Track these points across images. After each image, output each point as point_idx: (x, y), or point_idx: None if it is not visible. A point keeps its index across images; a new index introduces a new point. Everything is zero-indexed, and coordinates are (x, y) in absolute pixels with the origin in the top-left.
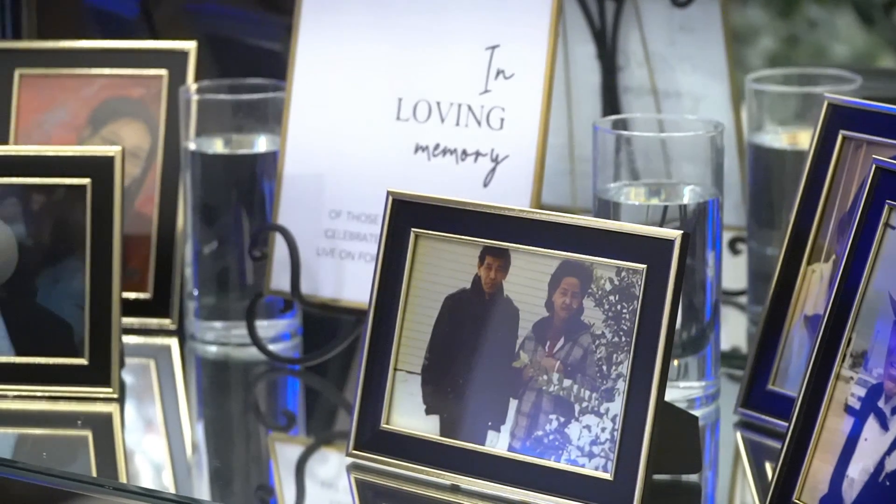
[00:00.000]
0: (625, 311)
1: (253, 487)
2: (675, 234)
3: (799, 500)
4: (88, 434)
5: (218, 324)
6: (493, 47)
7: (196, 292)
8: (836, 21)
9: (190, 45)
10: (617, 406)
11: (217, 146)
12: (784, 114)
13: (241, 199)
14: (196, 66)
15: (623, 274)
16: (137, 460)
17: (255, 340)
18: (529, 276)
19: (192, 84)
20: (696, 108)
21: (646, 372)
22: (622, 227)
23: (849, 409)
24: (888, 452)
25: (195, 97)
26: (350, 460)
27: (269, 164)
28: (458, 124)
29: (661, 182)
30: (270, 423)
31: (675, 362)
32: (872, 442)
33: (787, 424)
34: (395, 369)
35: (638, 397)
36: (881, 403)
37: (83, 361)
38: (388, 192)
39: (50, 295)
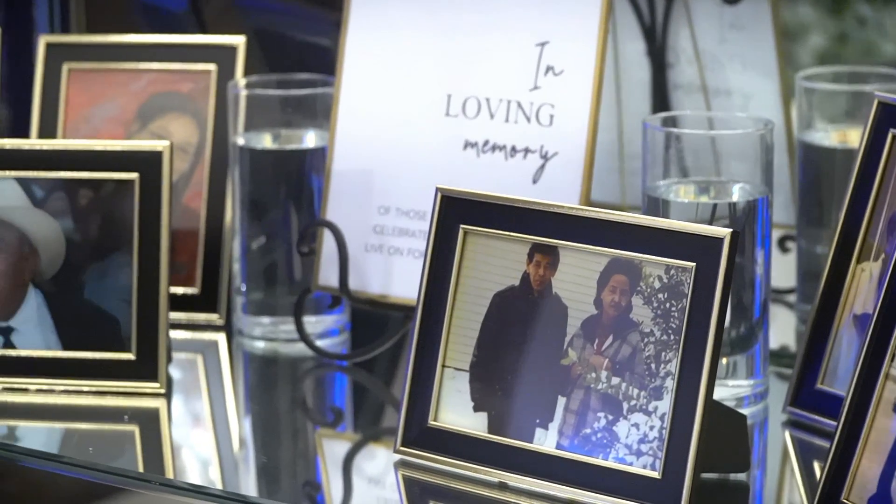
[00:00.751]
0: (673, 309)
1: (300, 484)
2: (724, 232)
3: (847, 500)
4: (135, 429)
5: (266, 319)
6: (543, 44)
7: (244, 287)
8: (886, 19)
9: (239, 40)
10: (665, 404)
11: (265, 141)
12: (834, 112)
13: (289, 194)
14: (245, 61)
15: (672, 272)
16: (184, 456)
17: (303, 336)
18: (578, 274)
19: (240, 79)
20: (745, 105)
21: (694, 370)
22: (671, 224)
23: None
24: None
25: (244, 92)
26: (397, 457)
27: (317, 160)
28: (507, 121)
29: (710, 180)
30: (318, 419)
31: (724, 361)
32: None
33: (835, 424)
34: (444, 366)
35: (686, 396)
36: None
37: (130, 356)
38: (437, 189)
39: (97, 290)
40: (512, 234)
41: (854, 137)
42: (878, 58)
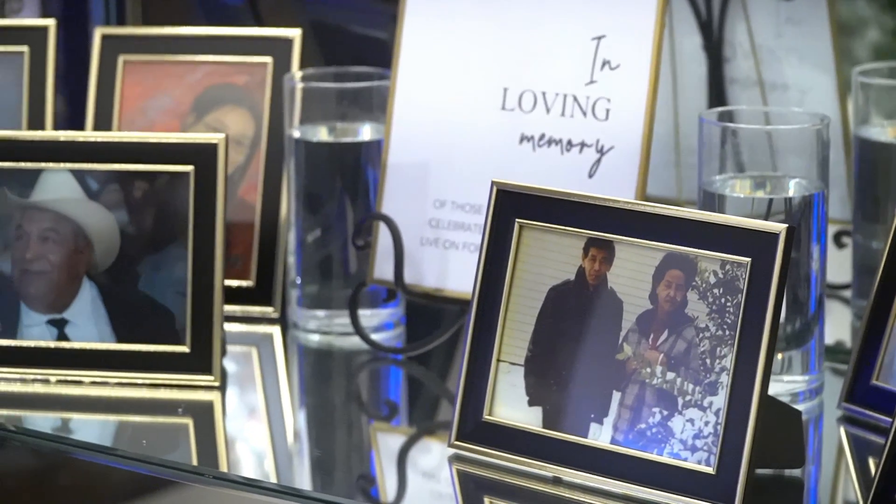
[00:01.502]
0: (729, 304)
1: (354, 477)
2: (780, 227)
3: None
4: (189, 422)
5: (321, 312)
6: (600, 38)
7: (299, 280)
8: None
9: (295, 33)
10: (720, 400)
11: (321, 134)
12: (890, 107)
13: (345, 187)
14: (301, 54)
15: (727, 267)
16: (238, 449)
17: (358, 329)
18: (633, 269)
19: (296, 72)
20: (802, 100)
21: (749, 366)
22: (727, 219)
23: None
24: None
25: (300, 85)
26: (452, 451)
27: (373, 153)
28: (563, 115)
29: (766, 175)
30: (372, 412)
31: (779, 356)
32: None
33: (890, 420)
34: (499, 360)
35: (741, 391)
36: None
37: (185, 349)
38: (493, 183)
39: (152, 282)
40: (567, 228)
41: None
42: None
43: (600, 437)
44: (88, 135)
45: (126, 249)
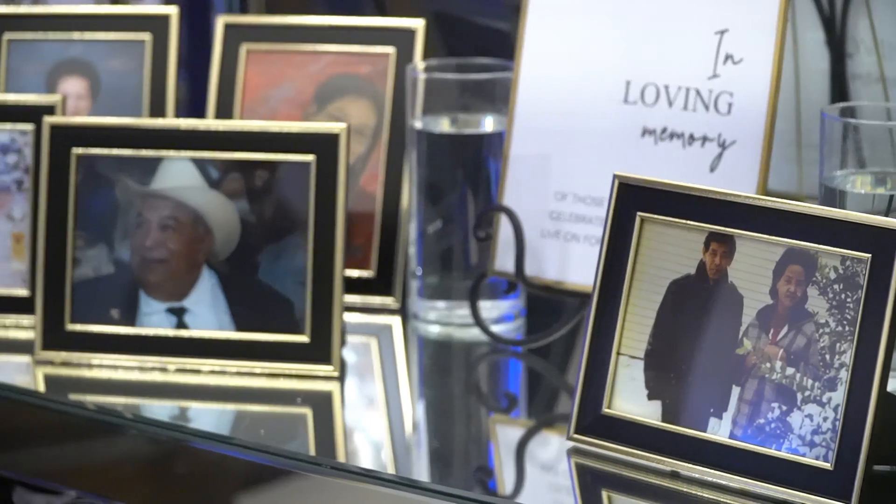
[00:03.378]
0: (849, 300)
1: (472, 469)
2: None
3: None
4: (308, 412)
5: (441, 303)
6: (723, 31)
7: (419, 271)
8: None
9: (418, 24)
10: (839, 396)
11: (443, 125)
12: None
13: (466, 178)
14: (424, 45)
15: (848, 263)
16: (356, 440)
17: (478, 321)
18: (754, 263)
19: (419, 62)
20: None
21: (869, 362)
22: (848, 215)
23: None
24: None
25: (422, 76)
26: (570, 444)
27: (495, 145)
28: (685, 108)
29: (887, 171)
30: (491, 404)
31: None
32: None
33: None
34: (618, 353)
35: (860, 387)
36: None
37: (304, 339)
38: (615, 176)
39: (272, 271)
40: (688, 222)
41: None
42: None
43: (719, 431)
44: (210, 123)
45: (246, 238)
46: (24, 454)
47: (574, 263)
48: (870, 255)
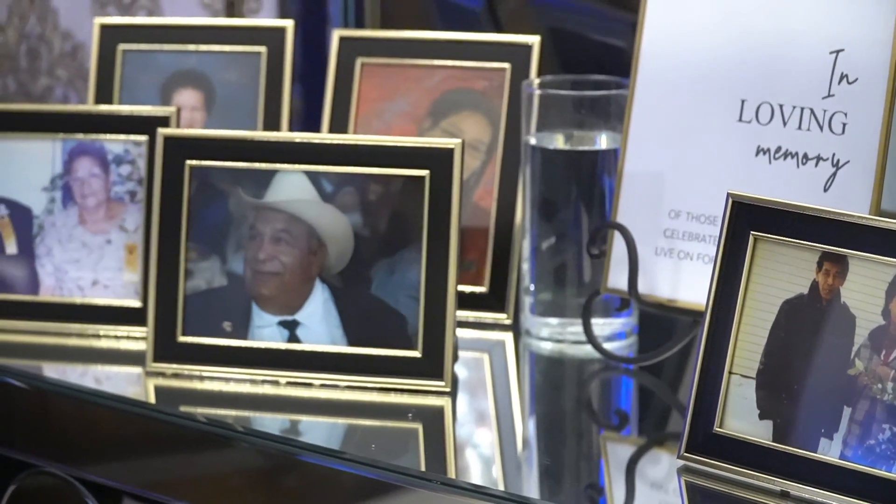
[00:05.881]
0: None
1: (582, 486)
2: None
3: None
4: (419, 427)
5: (553, 320)
6: (838, 51)
7: (532, 288)
8: None
9: (534, 40)
10: None
11: (558, 141)
12: None
13: (580, 195)
14: (539, 61)
15: None
16: (467, 455)
17: (591, 338)
18: (867, 284)
19: (534, 78)
20: None
21: None
22: None
23: None
24: None
25: (537, 92)
26: (681, 462)
27: (609, 161)
28: (799, 128)
29: None
30: (603, 421)
31: None
32: None
33: None
34: (731, 373)
35: None
36: None
37: (416, 354)
38: (729, 194)
39: (385, 286)
40: (802, 241)
41: None
42: None
43: (829, 451)
44: (324, 137)
45: (359, 252)
46: (133, 465)
47: (687, 281)
48: None
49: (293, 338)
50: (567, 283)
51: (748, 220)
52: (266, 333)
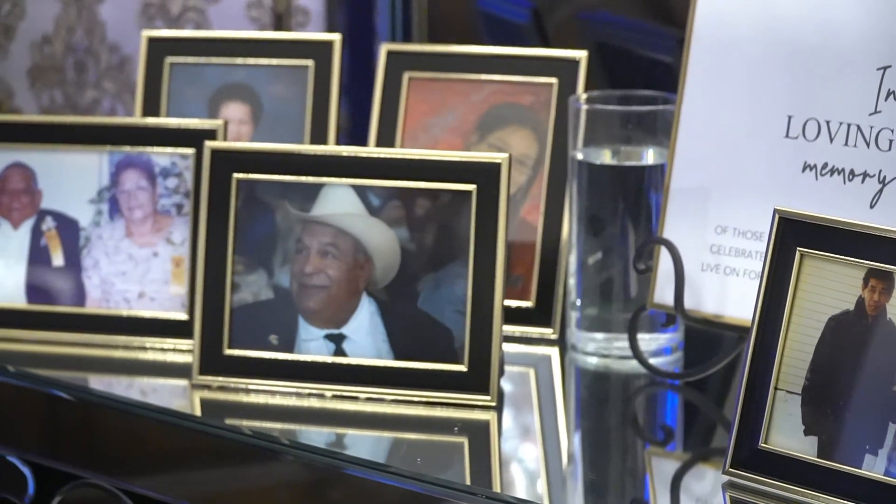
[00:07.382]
0: None
1: (627, 501)
2: None
3: None
4: (464, 441)
5: (599, 335)
6: (885, 67)
7: (579, 302)
8: None
9: (581, 55)
10: None
11: (605, 157)
12: None
13: (627, 210)
14: (586, 76)
15: None
16: (512, 470)
17: (637, 353)
18: None
19: (581, 93)
20: None
21: None
22: None
23: None
24: None
25: (584, 107)
26: (726, 478)
27: (656, 177)
28: (846, 144)
29: None
30: (648, 437)
31: None
32: None
33: None
34: (776, 388)
35: None
36: None
37: (462, 368)
38: (775, 210)
39: (431, 300)
40: (848, 258)
41: None
42: None
43: (874, 468)
44: (371, 150)
45: (406, 266)
46: (178, 478)
47: (733, 297)
48: None
49: (339, 351)
50: (613, 299)
51: (794, 236)
52: (312, 347)
